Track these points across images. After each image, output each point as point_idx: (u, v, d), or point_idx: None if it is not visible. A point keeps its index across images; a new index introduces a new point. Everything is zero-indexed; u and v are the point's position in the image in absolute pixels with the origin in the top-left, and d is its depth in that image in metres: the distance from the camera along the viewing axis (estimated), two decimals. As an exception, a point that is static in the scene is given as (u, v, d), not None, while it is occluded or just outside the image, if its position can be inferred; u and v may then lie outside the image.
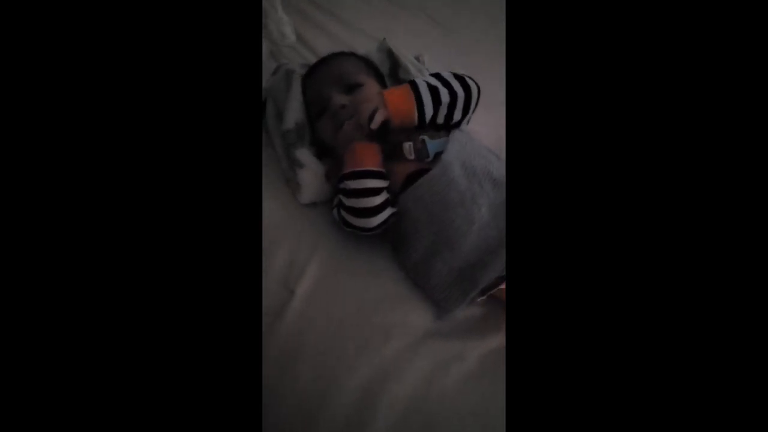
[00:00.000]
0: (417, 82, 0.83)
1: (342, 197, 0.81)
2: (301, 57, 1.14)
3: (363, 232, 0.81)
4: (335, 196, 0.84)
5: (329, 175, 0.87)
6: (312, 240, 0.83)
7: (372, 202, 0.78)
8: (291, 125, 0.89)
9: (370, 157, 0.81)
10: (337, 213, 0.83)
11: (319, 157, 0.89)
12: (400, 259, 0.83)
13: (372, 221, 0.79)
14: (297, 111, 0.90)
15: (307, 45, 1.17)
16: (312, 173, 0.87)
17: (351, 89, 0.88)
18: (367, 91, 0.87)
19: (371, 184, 0.78)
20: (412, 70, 1.02)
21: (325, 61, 0.96)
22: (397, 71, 1.03)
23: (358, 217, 0.79)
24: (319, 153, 0.90)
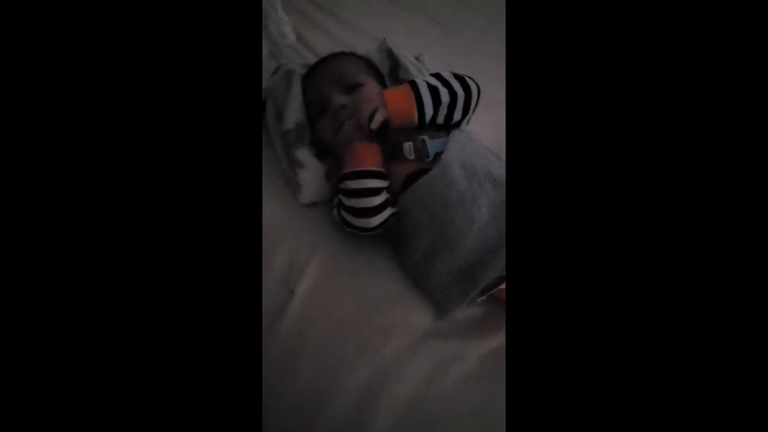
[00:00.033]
0: (417, 82, 0.83)
1: (342, 197, 0.81)
2: (301, 57, 1.14)
3: (363, 232, 0.81)
4: (335, 196, 0.84)
5: (329, 175, 0.87)
6: (312, 240, 0.83)
7: (372, 202, 0.78)
8: (291, 125, 0.89)
9: (370, 157, 0.81)
10: (337, 213, 0.83)
11: (319, 157, 0.89)
12: (400, 259, 0.83)
13: (372, 221, 0.79)
14: (297, 111, 0.90)
15: (307, 45, 1.17)
16: (312, 173, 0.87)
17: (351, 89, 0.88)
18: (367, 91, 0.87)
19: (371, 184, 0.78)
20: (412, 70, 1.02)
21: (325, 61, 0.96)
22: (397, 71, 1.03)
23: (358, 217, 0.79)
24: (319, 153, 0.90)
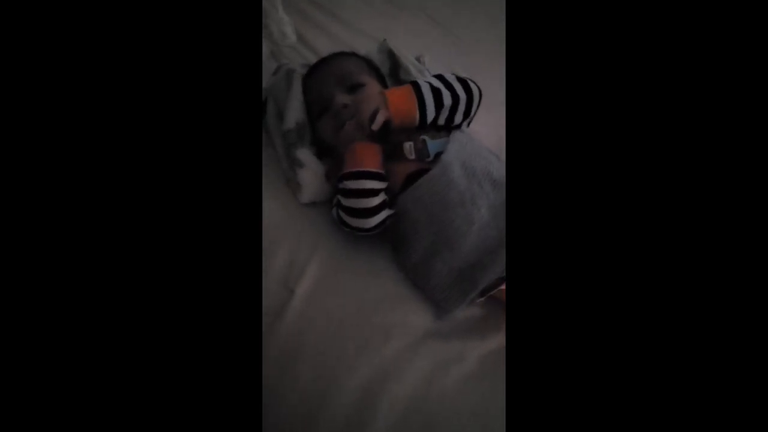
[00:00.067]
0: (419, 83, 0.83)
1: (340, 197, 0.81)
2: (302, 57, 1.14)
3: (360, 233, 0.81)
4: (335, 195, 0.84)
5: (329, 175, 0.87)
6: (312, 240, 0.83)
7: (369, 203, 0.78)
8: (291, 125, 0.89)
9: (370, 157, 0.81)
10: (335, 212, 0.83)
11: (319, 156, 0.89)
12: (400, 260, 0.83)
13: (369, 222, 0.79)
14: (297, 111, 0.90)
15: (308, 45, 1.18)
16: (312, 173, 0.87)
17: (352, 89, 0.88)
18: (369, 91, 0.87)
19: (369, 185, 0.78)
20: (413, 70, 1.02)
21: (326, 61, 0.96)
22: (397, 72, 1.03)
23: (355, 218, 0.79)
24: (320, 153, 0.90)
